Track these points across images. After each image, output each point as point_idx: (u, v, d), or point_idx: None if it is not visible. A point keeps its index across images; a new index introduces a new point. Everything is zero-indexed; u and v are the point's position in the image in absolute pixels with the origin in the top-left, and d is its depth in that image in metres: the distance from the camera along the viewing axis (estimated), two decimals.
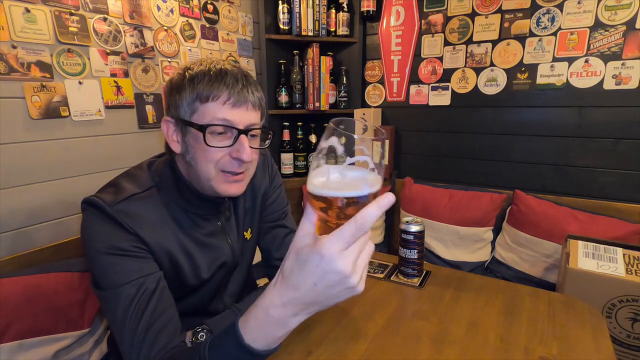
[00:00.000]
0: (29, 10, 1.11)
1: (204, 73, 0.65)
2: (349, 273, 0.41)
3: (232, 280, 0.88)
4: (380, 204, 0.39)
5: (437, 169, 2.06)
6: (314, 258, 0.41)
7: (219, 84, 0.64)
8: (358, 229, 0.39)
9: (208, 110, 0.65)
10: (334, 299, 0.43)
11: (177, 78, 0.68)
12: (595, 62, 1.58)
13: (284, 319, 0.46)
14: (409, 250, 0.99)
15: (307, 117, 2.16)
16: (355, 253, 0.41)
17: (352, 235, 0.40)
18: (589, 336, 0.75)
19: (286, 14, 1.96)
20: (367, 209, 0.39)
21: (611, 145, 1.61)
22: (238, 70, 0.67)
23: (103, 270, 0.63)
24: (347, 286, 0.42)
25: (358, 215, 0.39)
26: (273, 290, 0.46)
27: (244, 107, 0.66)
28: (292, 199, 2.09)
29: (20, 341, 0.92)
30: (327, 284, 0.41)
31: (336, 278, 0.41)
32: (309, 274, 0.42)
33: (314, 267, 0.41)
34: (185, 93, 0.66)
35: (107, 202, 0.64)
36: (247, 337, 0.48)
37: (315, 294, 0.42)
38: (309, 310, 0.45)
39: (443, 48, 1.91)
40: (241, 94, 0.65)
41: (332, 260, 0.40)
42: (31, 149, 1.15)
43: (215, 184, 0.69)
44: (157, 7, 1.47)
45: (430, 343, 0.74)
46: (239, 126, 0.66)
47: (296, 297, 0.44)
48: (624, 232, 1.46)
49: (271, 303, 0.46)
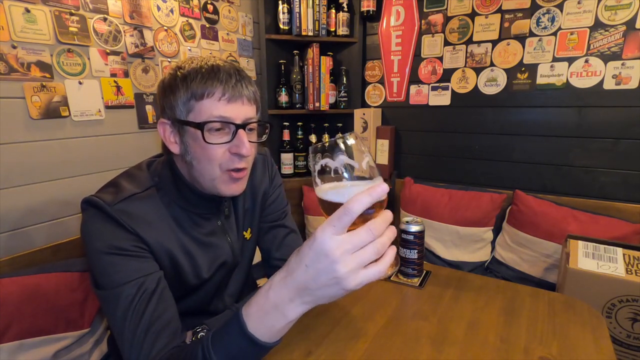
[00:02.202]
0: (29, 10, 1.11)
1: (196, 71, 0.65)
2: (336, 258, 0.41)
3: (232, 280, 0.88)
4: (372, 192, 0.41)
5: (437, 169, 2.06)
6: (308, 241, 0.44)
7: (212, 81, 0.64)
8: (345, 213, 0.41)
9: (204, 107, 0.64)
10: (324, 289, 0.44)
11: (169, 78, 0.68)
12: (595, 62, 1.58)
13: (281, 304, 0.47)
14: (409, 250, 0.99)
15: (307, 117, 2.16)
16: (349, 244, 0.42)
17: (338, 218, 0.41)
18: (589, 336, 0.75)
19: (286, 14, 1.96)
20: (357, 195, 0.41)
21: (611, 145, 1.61)
22: (230, 66, 0.67)
23: (103, 270, 0.63)
24: (334, 275, 0.42)
25: (348, 201, 0.41)
26: (275, 276, 0.49)
27: (239, 101, 0.66)
28: (292, 199, 2.09)
29: (20, 341, 0.92)
30: (317, 268, 0.43)
31: (323, 261, 0.42)
32: (302, 256, 0.44)
33: (307, 249, 0.44)
34: (180, 93, 0.65)
35: (107, 202, 0.64)
36: (250, 325, 0.49)
37: (306, 277, 0.44)
38: (303, 299, 0.46)
39: (443, 48, 1.91)
40: (235, 88, 0.65)
41: (322, 242, 0.42)
42: (31, 149, 1.15)
43: (218, 184, 0.69)
44: (157, 7, 1.47)
45: (430, 343, 0.74)
46: (236, 121, 0.66)
47: (291, 279, 0.46)
48: (624, 232, 1.46)
49: (270, 286, 0.48)
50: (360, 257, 0.42)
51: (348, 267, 0.42)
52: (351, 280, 0.42)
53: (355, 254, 0.42)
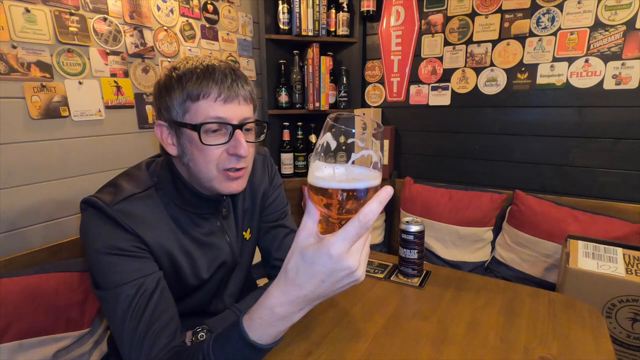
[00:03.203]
0: (29, 10, 1.11)
1: (191, 71, 0.64)
2: (356, 268, 0.44)
3: (232, 280, 0.88)
4: (380, 198, 0.41)
5: (437, 169, 2.06)
6: (322, 259, 0.43)
7: (208, 81, 0.63)
8: (362, 227, 0.41)
9: (200, 108, 0.64)
10: (339, 290, 0.46)
11: (164, 79, 0.67)
12: (595, 62, 1.58)
13: (289, 315, 0.48)
14: (409, 250, 0.99)
15: (307, 117, 2.16)
16: (360, 249, 0.44)
17: (357, 234, 0.42)
18: (589, 336, 0.75)
19: (286, 14, 1.96)
20: (368, 206, 0.41)
21: (611, 145, 1.61)
22: (226, 66, 0.66)
23: (102, 270, 0.63)
24: (353, 279, 0.45)
25: (360, 215, 0.41)
26: (277, 290, 0.47)
27: (235, 101, 0.65)
28: (292, 199, 2.09)
29: (20, 341, 0.92)
30: (335, 280, 0.44)
31: (344, 274, 0.44)
32: (316, 273, 0.44)
33: (322, 267, 0.43)
34: (175, 94, 0.65)
35: (106, 202, 0.64)
36: (252, 335, 0.50)
37: (322, 290, 0.45)
38: (314, 304, 0.48)
39: (443, 48, 1.91)
40: (231, 89, 0.65)
41: (340, 260, 0.42)
42: (31, 149, 1.15)
43: (216, 184, 0.69)
44: (157, 7, 1.47)
45: (430, 343, 0.74)
46: (232, 121, 0.65)
47: (303, 295, 0.46)
48: (624, 232, 1.46)
49: (277, 302, 0.47)
50: (365, 253, 0.46)
51: (363, 267, 0.45)
52: (363, 274, 0.46)
53: (362, 254, 0.45)
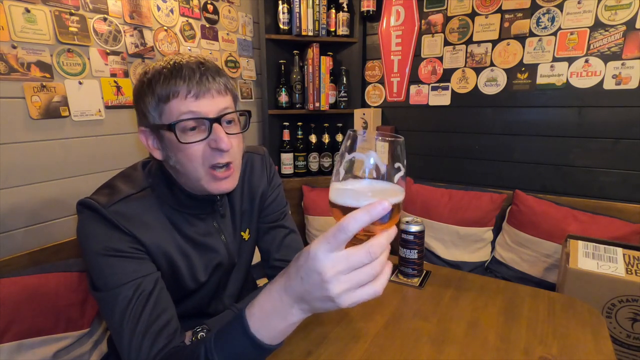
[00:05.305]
0: (29, 11, 1.11)
1: (159, 73, 0.63)
2: (328, 278, 0.40)
3: (231, 281, 0.88)
4: (371, 210, 0.39)
5: (437, 169, 2.06)
6: (304, 253, 0.43)
7: (175, 80, 0.62)
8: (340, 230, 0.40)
9: (172, 108, 0.63)
10: (319, 302, 0.43)
11: (138, 85, 0.66)
12: (595, 62, 1.58)
13: (282, 309, 0.47)
14: (409, 250, 0.99)
15: (307, 117, 2.16)
16: (343, 264, 0.41)
17: (334, 236, 0.40)
18: (589, 336, 0.75)
19: (286, 14, 1.96)
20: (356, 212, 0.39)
21: (611, 145, 1.61)
22: (194, 61, 0.65)
23: (100, 271, 0.63)
24: (326, 294, 0.41)
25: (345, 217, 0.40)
26: (277, 279, 0.49)
27: (208, 95, 0.64)
28: (291, 199, 2.09)
29: (20, 341, 0.92)
30: (310, 282, 0.42)
31: (316, 279, 0.41)
32: (299, 267, 0.44)
33: (303, 261, 0.43)
34: (148, 98, 0.64)
35: (102, 204, 0.64)
36: (252, 326, 0.49)
37: (302, 289, 0.44)
38: (301, 306, 0.46)
39: (443, 48, 1.91)
40: (201, 83, 0.63)
41: (315, 258, 0.41)
42: (31, 149, 1.15)
43: (205, 184, 0.68)
44: (157, 7, 1.47)
45: (430, 343, 0.74)
46: (209, 115, 0.64)
47: (290, 287, 0.46)
48: (624, 232, 1.46)
49: (272, 289, 0.48)
50: (355, 278, 0.41)
51: (341, 288, 0.41)
52: (345, 300, 0.42)
53: (349, 275, 0.41)
